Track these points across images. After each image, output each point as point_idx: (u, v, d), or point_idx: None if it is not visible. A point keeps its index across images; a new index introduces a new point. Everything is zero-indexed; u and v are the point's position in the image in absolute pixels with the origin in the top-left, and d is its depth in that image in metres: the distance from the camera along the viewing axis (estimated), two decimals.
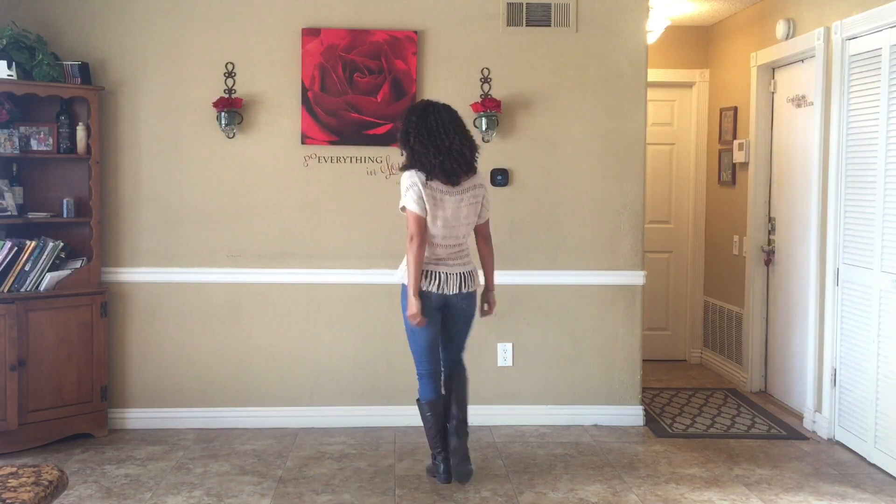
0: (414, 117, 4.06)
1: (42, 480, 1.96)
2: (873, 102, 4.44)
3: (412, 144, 4.03)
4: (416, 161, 4.02)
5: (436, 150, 3.98)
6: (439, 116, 4.04)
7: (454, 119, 4.08)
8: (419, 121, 4.03)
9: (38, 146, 4.77)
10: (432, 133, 4.00)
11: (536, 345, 5.15)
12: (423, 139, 4.00)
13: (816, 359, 5.00)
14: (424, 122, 4.03)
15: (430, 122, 4.02)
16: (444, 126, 4.03)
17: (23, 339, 4.52)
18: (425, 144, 3.99)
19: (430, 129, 4.01)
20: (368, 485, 4.17)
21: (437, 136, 3.99)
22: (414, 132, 4.03)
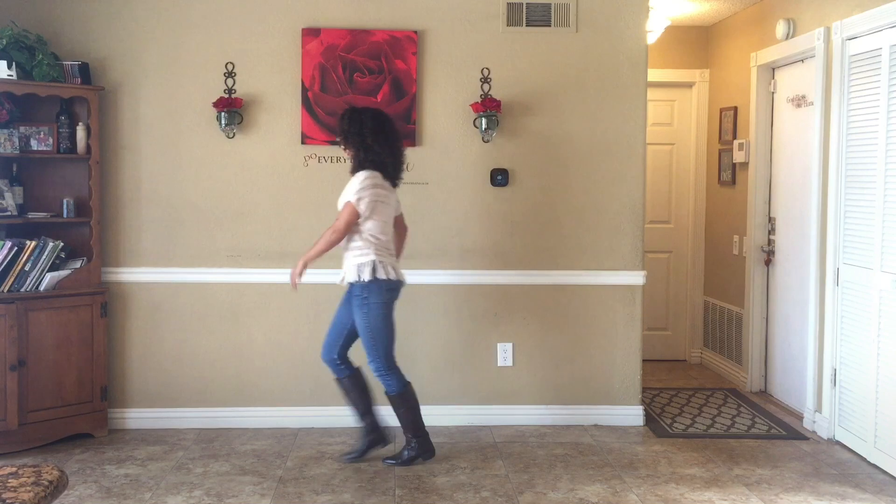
0: (369, 120, 4.28)
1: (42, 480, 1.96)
2: (873, 102, 4.44)
3: (370, 144, 4.24)
4: (371, 161, 4.24)
5: (391, 152, 4.29)
6: (390, 122, 4.36)
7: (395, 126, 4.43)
8: (376, 124, 4.28)
9: (38, 146, 4.77)
10: (388, 136, 4.29)
11: (536, 345, 5.15)
12: (381, 141, 4.25)
13: (816, 359, 5.00)
14: (381, 125, 4.29)
15: (386, 126, 4.31)
16: (395, 131, 4.38)
17: (23, 339, 4.52)
18: (382, 145, 4.26)
19: (387, 132, 4.30)
20: (368, 485, 4.17)
21: (392, 139, 4.31)
22: (371, 134, 4.24)
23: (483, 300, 5.11)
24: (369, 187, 4.20)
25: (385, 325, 4.30)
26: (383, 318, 4.29)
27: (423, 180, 5.05)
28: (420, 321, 5.10)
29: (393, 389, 4.35)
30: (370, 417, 4.48)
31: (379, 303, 4.26)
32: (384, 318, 4.30)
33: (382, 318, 4.29)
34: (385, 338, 4.32)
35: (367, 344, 4.32)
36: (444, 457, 4.57)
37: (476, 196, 5.07)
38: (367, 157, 4.25)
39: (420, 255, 5.07)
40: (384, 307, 4.29)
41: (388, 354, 4.34)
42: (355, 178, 4.25)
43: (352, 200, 4.20)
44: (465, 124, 5.04)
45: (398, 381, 4.35)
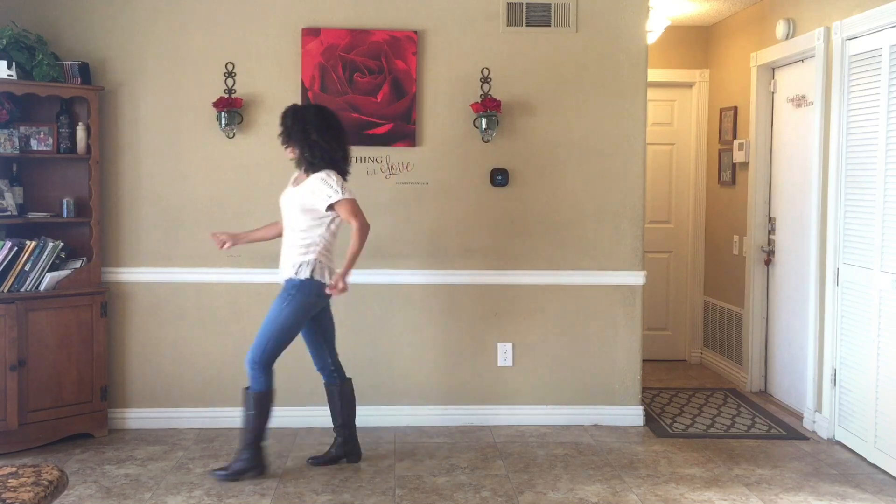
0: (312, 116, 4.17)
1: (42, 480, 1.96)
2: (873, 102, 4.44)
3: (315, 141, 4.12)
4: (320, 158, 4.13)
5: (339, 147, 4.18)
6: (334, 117, 4.24)
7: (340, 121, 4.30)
8: (319, 119, 4.16)
9: (38, 146, 4.77)
10: (334, 131, 4.18)
11: (536, 345, 5.15)
12: (328, 137, 4.14)
13: (816, 359, 5.00)
14: (325, 120, 4.17)
15: (331, 121, 4.20)
16: (340, 126, 4.24)
17: (23, 339, 4.52)
18: (329, 141, 4.14)
19: (332, 127, 4.18)
20: (368, 485, 4.17)
21: (338, 134, 4.19)
22: (315, 130, 4.12)
23: (483, 300, 5.11)
24: (339, 181, 4.13)
25: (293, 327, 4.17)
26: (296, 320, 4.16)
27: (423, 180, 5.05)
28: (420, 321, 5.10)
29: (258, 387, 4.18)
30: (348, 430, 4.45)
31: (303, 304, 4.15)
32: (297, 320, 4.17)
33: (295, 321, 4.16)
34: (283, 339, 4.18)
35: (262, 333, 4.15)
36: (444, 457, 4.57)
37: (476, 196, 5.07)
38: (314, 153, 4.13)
39: (420, 255, 5.07)
40: (304, 311, 4.18)
41: (275, 354, 4.19)
42: (321, 179, 4.09)
43: (345, 196, 4.09)
44: (465, 124, 5.04)
45: (267, 381, 4.19)
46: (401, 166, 5.03)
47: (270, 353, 4.19)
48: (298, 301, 4.15)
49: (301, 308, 4.15)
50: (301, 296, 4.14)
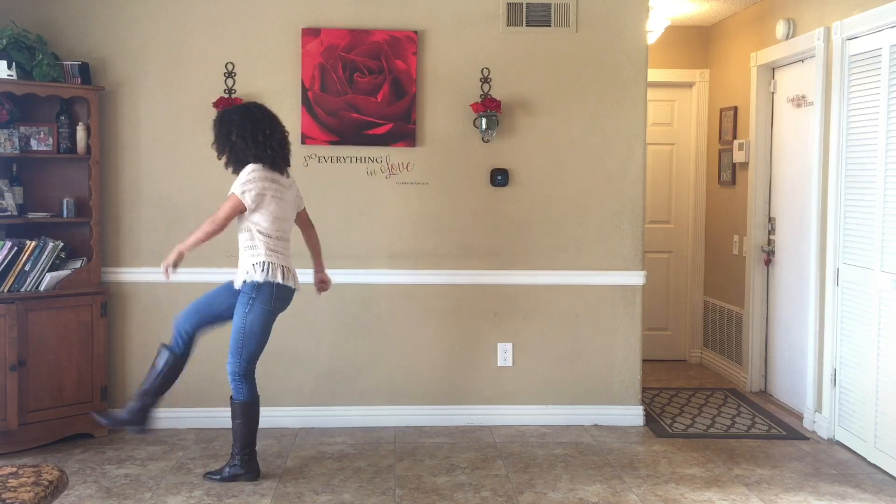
0: (236, 117, 4.10)
1: (42, 480, 1.96)
2: (873, 102, 4.44)
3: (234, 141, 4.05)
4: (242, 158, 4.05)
5: (266, 143, 4.06)
6: (261, 112, 4.14)
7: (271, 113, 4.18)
8: (242, 118, 4.08)
9: (38, 146, 4.77)
10: (259, 127, 4.07)
11: (536, 345, 5.15)
12: (250, 135, 4.04)
13: (816, 359, 5.00)
14: (248, 118, 4.08)
15: (256, 117, 4.09)
16: (268, 120, 4.12)
17: (23, 339, 4.52)
18: (252, 139, 4.04)
19: (257, 123, 4.08)
20: (368, 485, 4.17)
21: (265, 129, 4.08)
22: (237, 129, 4.05)
23: (483, 300, 5.11)
24: (256, 179, 4.01)
25: (260, 332, 4.09)
26: (261, 325, 4.08)
27: (423, 180, 5.05)
28: (420, 321, 5.10)
29: (241, 397, 4.12)
30: (151, 400, 4.20)
31: (263, 309, 4.06)
32: (262, 325, 4.08)
33: (260, 325, 4.08)
34: (255, 345, 4.09)
35: (233, 344, 4.09)
36: (444, 457, 4.57)
37: (476, 196, 5.07)
38: (235, 154, 4.07)
39: (420, 255, 5.07)
40: (267, 314, 4.08)
41: (251, 361, 4.12)
42: (243, 171, 4.07)
43: (236, 192, 4.01)
44: (465, 124, 5.04)
45: (249, 391, 4.13)
46: (401, 166, 5.03)
47: (249, 362, 4.13)
48: (258, 305, 4.06)
49: (261, 312, 4.06)
50: (260, 300, 4.06)
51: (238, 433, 4.16)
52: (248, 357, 4.11)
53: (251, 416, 4.16)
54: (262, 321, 4.08)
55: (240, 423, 4.14)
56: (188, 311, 4.25)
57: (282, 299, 4.12)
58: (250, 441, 4.18)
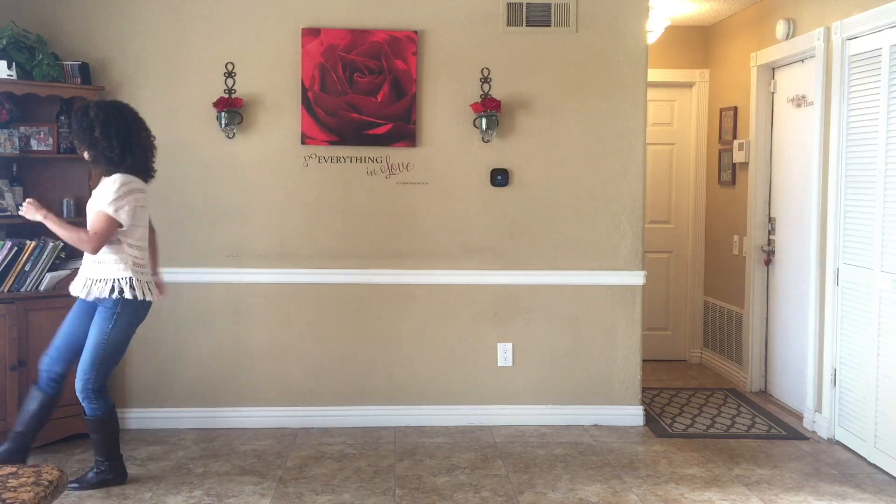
0: (101, 113, 3.86)
1: (42, 480, 1.96)
2: (873, 102, 4.44)
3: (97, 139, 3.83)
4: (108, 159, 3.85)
5: (127, 147, 3.86)
6: (127, 112, 3.93)
7: (136, 116, 3.98)
8: (106, 116, 3.85)
9: (38, 146, 4.77)
10: (123, 129, 3.87)
11: (536, 345, 5.15)
12: (114, 135, 3.83)
13: (816, 359, 5.00)
14: (113, 117, 3.86)
15: (122, 117, 3.89)
16: (134, 122, 3.93)
17: (23, 339, 4.52)
18: (116, 140, 3.84)
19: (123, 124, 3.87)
20: (368, 485, 4.17)
21: (130, 131, 3.89)
22: (100, 126, 3.83)
23: (483, 300, 5.11)
24: (127, 194, 3.83)
25: (121, 348, 3.98)
26: (125, 341, 3.98)
27: (423, 180, 5.05)
28: (420, 321, 5.10)
29: (97, 413, 3.97)
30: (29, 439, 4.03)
31: (127, 323, 3.94)
32: (126, 340, 3.98)
33: (124, 341, 3.97)
34: (113, 360, 3.98)
35: (90, 359, 3.91)
36: (444, 457, 4.57)
37: (476, 196, 5.07)
38: (99, 153, 3.86)
39: (420, 255, 5.07)
40: (130, 329, 3.97)
41: (107, 376, 3.99)
42: (108, 184, 3.84)
43: (109, 212, 3.79)
44: (465, 124, 5.04)
45: (105, 404, 3.98)
46: (401, 166, 5.03)
47: (105, 377, 4.00)
48: (122, 322, 3.92)
49: (125, 327, 3.95)
50: (125, 315, 3.93)
51: (102, 447, 4.01)
52: (106, 373, 3.97)
53: (110, 427, 4.02)
54: (125, 337, 3.96)
55: (100, 438, 4.00)
56: (56, 354, 4.03)
57: (144, 310, 4.03)
58: (115, 449, 4.04)
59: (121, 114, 3.94)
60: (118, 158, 3.88)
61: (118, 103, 4.03)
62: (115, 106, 3.98)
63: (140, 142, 3.95)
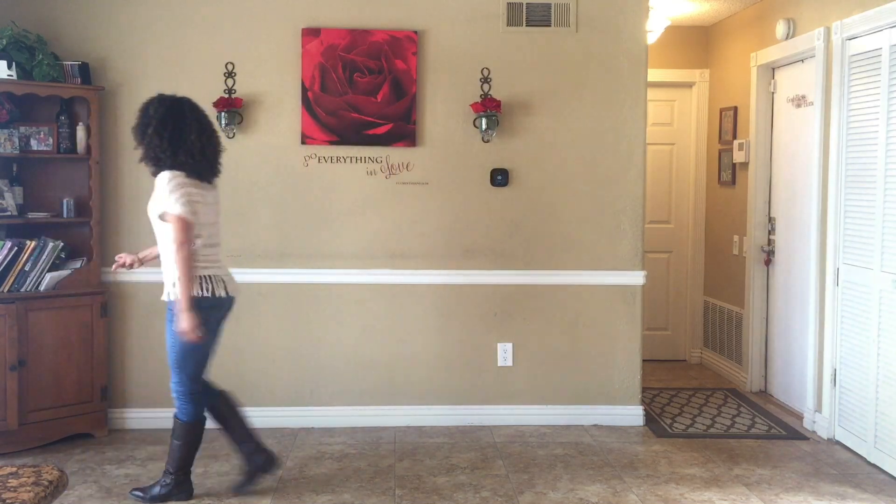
0: (156, 109, 3.75)
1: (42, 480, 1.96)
2: (873, 102, 4.44)
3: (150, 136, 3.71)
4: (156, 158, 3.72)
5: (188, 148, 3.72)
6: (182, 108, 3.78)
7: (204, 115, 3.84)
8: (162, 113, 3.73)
9: (38, 146, 4.77)
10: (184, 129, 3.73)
11: (536, 345, 5.15)
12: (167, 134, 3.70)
13: (816, 359, 5.00)
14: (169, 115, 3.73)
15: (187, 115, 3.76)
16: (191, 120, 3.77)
17: (23, 339, 4.52)
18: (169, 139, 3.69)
19: (178, 122, 3.73)
20: (368, 485, 4.17)
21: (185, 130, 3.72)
22: (155, 125, 3.71)
23: (483, 300, 5.11)
24: (177, 188, 3.66)
25: (196, 348, 3.76)
26: (197, 344, 3.75)
27: (423, 180, 5.05)
28: (420, 321, 5.11)
29: (185, 417, 3.85)
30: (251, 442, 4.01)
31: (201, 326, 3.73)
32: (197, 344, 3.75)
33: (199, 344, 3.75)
34: (194, 361, 3.81)
35: (171, 362, 3.81)
36: (444, 457, 4.57)
37: (476, 196, 5.07)
38: (149, 152, 3.73)
39: (420, 255, 5.07)
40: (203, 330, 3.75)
41: (194, 378, 3.83)
42: (159, 183, 3.72)
43: (174, 212, 3.66)
44: (465, 124, 5.04)
45: (195, 411, 3.86)
46: (401, 166, 5.03)
47: (192, 380, 3.84)
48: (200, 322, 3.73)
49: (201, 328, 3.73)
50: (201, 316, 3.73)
51: (176, 454, 3.88)
52: (191, 374, 3.82)
53: (193, 438, 3.89)
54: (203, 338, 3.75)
55: (179, 445, 3.87)
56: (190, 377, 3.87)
57: (215, 307, 3.80)
58: (187, 463, 3.91)
59: (178, 112, 3.75)
60: (168, 159, 3.71)
61: (179, 101, 3.82)
62: (174, 104, 3.79)
63: (192, 143, 3.73)
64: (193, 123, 3.77)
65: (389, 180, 5.03)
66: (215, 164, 3.88)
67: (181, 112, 3.77)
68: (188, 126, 3.75)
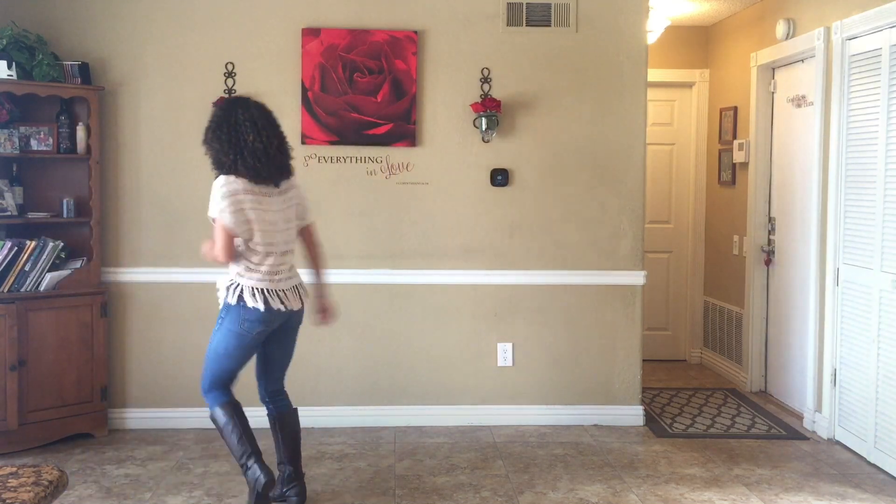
0: (222, 112, 3.68)
1: (42, 480, 1.96)
2: (873, 102, 4.44)
3: (210, 140, 3.66)
4: (218, 161, 3.64)
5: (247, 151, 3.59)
6: (242, 111, 3.65)
7: (263, 115, 3.69)
8: (223, 114, 3.66)
9: (38, 146, 4.77)
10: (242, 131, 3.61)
11: (536, 345, 5.15)
12: (222, 136, 3.61)
13: (816, 359, 5.00)
14: (227, 116, 3.64)
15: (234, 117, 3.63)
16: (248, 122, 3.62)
17: (23, 339, 4.52)
18: (224, 141, 3.61)
19: (235, 124, 3.61)
20: (368, 485, 4.17)
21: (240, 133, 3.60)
22: (213, 128, 3.65)
23: (483, 300, 5.12)
24: (225, 196, 3.55)
25: (224, 354, 3.72)
26: (225, 347, 3.70)
27: (423, 180, 5.05)
28: (420, 321, 5.11)
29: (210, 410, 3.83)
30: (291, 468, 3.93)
31: (230, 331, 3.67)
32: (226, 347, 3.70)
33: (224, 347, 3.70)
34: (217, 366, 3.76)
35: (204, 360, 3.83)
36: (444, 457, 4.57)
37: (476, 196, 5.07)
38: (211, 153, 3.67)
39: (420, 255, 5.07)
40: (234, 337, 3.67)
41: (214, 381, 3.78)
42: (213, 187, 3.63)
43: (214, 216, 3.59)
44: (465, 124, 5.04)
45: (212, 403, 3.80)
46: (401, 166, 5.03)
47: (212, 380, 3.80)
48: (226, 327, 3.69)
49: (229, 335, 3.68)
50: (228, 321, 3.68)
51: (227, 445, 3.84)
52: (211, 376, 3.78)
53: (225, 425, 3.76)
54: (226, 343, 3.69)
55: (221, 435, 3.83)
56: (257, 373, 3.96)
57: (256, 321, 3.66)
58: (242, 451, 3.75)
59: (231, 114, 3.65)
60: (229, 163, 3.60)
61: (234, 101, 3.74)
62: (228, 105, 3.72)
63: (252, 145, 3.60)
64: (247, 124, 3.62)
65: (389, 180, 5.03)
66: (278, 165, 3.68)
67: (234, 113, 3.65)
68: (242, 127, 3.61)
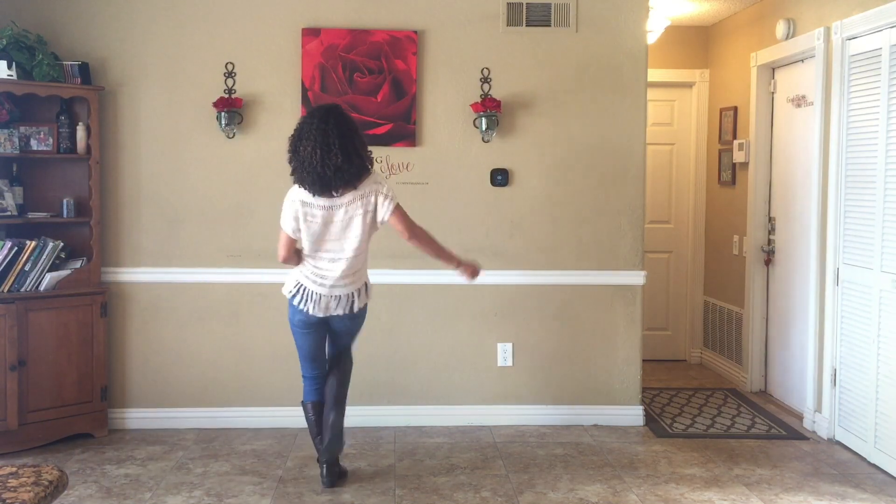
0: (299, 122, 3.95)
1: (42, 480, 1.97)
2: (873, 102, 4.44)
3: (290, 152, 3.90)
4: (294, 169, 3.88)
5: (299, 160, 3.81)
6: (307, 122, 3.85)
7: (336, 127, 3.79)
8: (298, 127, 3.90)
9: (38, 146, 4.77)
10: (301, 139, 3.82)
11: (536, 345, 5.15)
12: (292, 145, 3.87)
13: (816, 359, 5.00)
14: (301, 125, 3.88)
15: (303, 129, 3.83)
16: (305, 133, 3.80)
17: (23, 339, 4.52)
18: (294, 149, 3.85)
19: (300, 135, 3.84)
20: (368, 485, 4.17)
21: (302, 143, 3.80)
22: (293, 138, 3.89)
23: (483, 300, 5.11)
24: (286, 202, 3.97)
25: (297, 342, 4.18)
26: (294, 333, 4.16)
27: (423, 180, 5.05)
28: (420, 321, 5.11)
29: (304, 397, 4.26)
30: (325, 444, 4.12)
31: (290, 320, 4.12)
32: (294, 333, 4.16)
33: (295, 335, 4.16)
34: (297, 348, 4.21)
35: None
36: (444, 457, 4.57)
37: (476, 196, 5.07)
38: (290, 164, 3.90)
39: (420, 255, 5.06)
40: (292, 326, 4.13)
41: (303, 365, 4.23)
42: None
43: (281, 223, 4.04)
44: (465, 124, 5.04)
45: (304, 392, 4.23)
46: (401, 166, 5.03)
47: (302, 367, 4.24)
48: (288, 317, 4.14)
49: (291, 324, 4.14)
50: (289, 312, 4.13)
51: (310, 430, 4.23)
52: (300, 360, 4.22)
53: (307, 418, 4.19)
54: (292, 330, 4.15)
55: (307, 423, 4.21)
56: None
57: (296, 313, 4.06)
58: (316, 440, 4.14)
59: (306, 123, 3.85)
60: (295, 170, 3.87)
61: (312, 111, 3.96)
62: (308, 115, 3.96)
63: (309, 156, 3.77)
64: (313, 134, 3.78)
65: (389, 180, 5.02)
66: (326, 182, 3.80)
67: (305, 125, 3.85)
68: (306, 141, 3.79)
